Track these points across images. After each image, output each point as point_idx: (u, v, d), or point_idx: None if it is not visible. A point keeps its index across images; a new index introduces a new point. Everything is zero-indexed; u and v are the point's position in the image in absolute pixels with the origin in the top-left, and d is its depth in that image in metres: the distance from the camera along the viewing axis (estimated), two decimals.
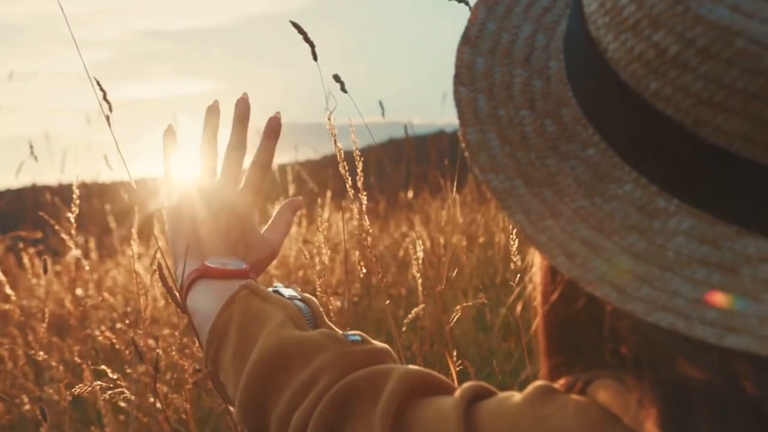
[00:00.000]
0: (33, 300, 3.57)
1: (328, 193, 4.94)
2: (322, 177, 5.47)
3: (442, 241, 3.15)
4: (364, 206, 1.36)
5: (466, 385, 0.68)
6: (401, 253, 3.78)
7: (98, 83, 1.45)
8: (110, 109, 1.50)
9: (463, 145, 0.63)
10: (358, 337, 0.84)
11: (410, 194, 5.04)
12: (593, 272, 0.56)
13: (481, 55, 0.68)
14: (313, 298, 0.94)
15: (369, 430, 0.71)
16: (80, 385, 1.29)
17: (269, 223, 1.07)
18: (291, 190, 3.93)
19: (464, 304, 1.37)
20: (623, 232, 0.58)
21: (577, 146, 0.61)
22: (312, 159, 6.22)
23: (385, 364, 0.79)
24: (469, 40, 0.68)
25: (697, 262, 0.56)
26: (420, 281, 1.54)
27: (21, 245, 3.84)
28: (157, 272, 1.03)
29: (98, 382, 1.25)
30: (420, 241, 1.59)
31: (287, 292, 0.95)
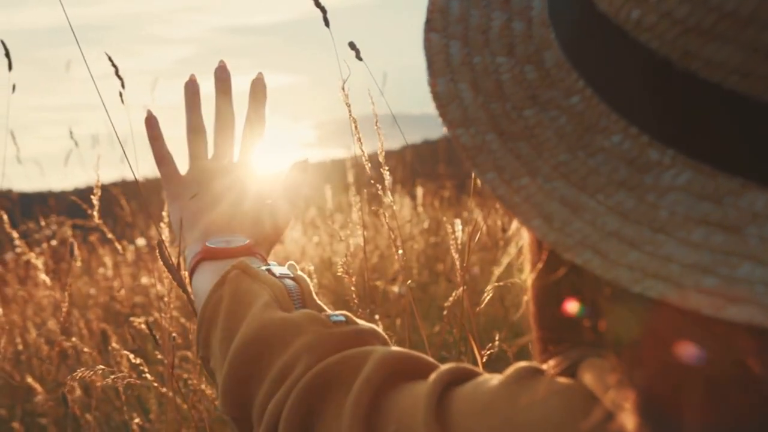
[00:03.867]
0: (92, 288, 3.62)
1: (390, 179, 4.90)
2: (389, 166, 5.44)
3: (499, 223, 3.07)
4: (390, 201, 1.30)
5: (444, 367, 0.61)
6: (465, 238, 3.70)
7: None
8: None
9: (432, 97, 0.55)
10: (342, 318, 0.78)
11: (479, 182, 4.94)
12: (573, 236, 0.49)
13: None
14: (305, 277, 0.88)
15: (340, 419, 0.65)
16: (114, 376, 1.27)
17: (276, 190, 1.02)
18: (350, 177, 3.89)
19: (496, 284, 1.30)
20: (609, 189, 0.50)
21: (559, 94, 0.54)
22: (390, 150, 6.20)
23: (368, 345, 0.73)
24: None
25: (694, 221, 0.48)
26: (458, 263, 1.47)
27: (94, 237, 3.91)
28: (158, 252, 0.98)
29: (120, 374, 1.22)
30: (459, 221, 1.52)
31: (279, 270, 0.89)
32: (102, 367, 1.18)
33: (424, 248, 4.42)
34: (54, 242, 3.52)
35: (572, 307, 0.55)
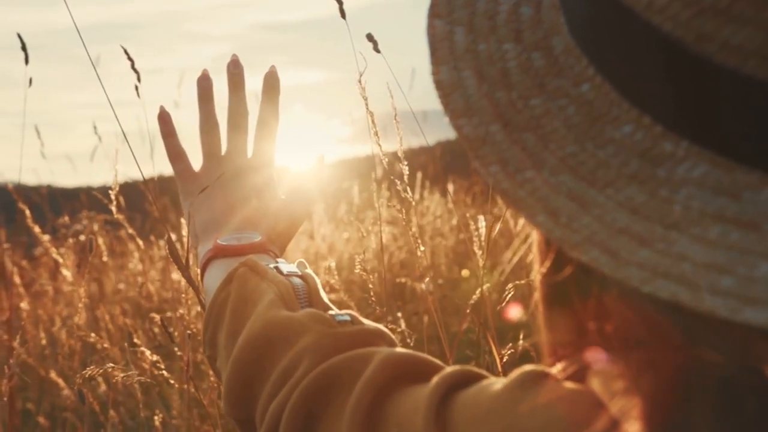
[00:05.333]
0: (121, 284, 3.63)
1: (419, 176, 4.88)
2: (419, 162, 5.43)
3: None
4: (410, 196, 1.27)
5: (447, 370, 0.58)
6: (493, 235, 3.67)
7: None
8: None
9: (434, 86, 0.53)
10: (348, 318, 0.75)
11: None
12: (580, 232, 0.45)
13: None
14: (313, 275, 0.86)
15: (340, 422, 0.62)
16: (126, 373, 1.26)
17: (291, 187, 1.00)
18: (378, 173, 3.87)
19: (517, 282, 1.26)
20: (620, 183, 0.47)
21: (567, 82, 0.51)
22: (425, 146, 6.18)
23: (373, 346, 0.70)
24: None
25: (710, 217, 0.44)
26: (482, 260, 1.44)
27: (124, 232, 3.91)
28: (167, 249, 0.97)
29: (133, 371, 1.21)
30: (483, 218, 1.49)
31: (287, 267, 0.87)
32: (112, 365, 1.17)
33: (455, 245, 4.39)
34: (82, 237, 3.53)
35: (579, 308, 0.52)
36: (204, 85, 0.99)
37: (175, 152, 0.99)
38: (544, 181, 0.48)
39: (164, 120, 0.99)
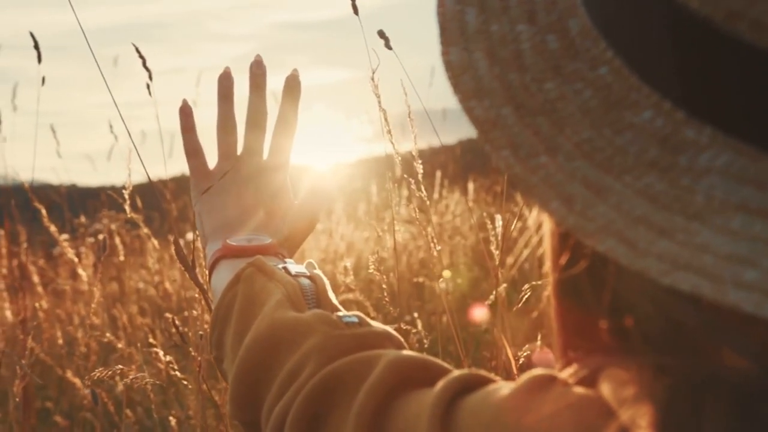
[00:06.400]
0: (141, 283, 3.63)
1: (438, 174, 4.85)
2: (439, 161, 5.41)
3: None
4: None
5: (453, 374, 0.56)
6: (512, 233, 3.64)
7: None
8: None
9: (444, 67, 0.50)
10: (355, 319, 0.73)
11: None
12: (595, 221, 0.43)
13: None
14: (322, 275, 0.84)
15: (344, 426, 0.60)
16: (135, 375, 1.25)
17: (304, 191, 0.99)
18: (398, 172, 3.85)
19: (533, 283, 1.24)
20: (638, 170, 0.44)
21: (584, 65, 0.48)
22: (447, 144, 6.17)
23: (380, 349, 0.68)
24: None
25: (734, 207, 0.42)
26: (498, 260, 1.41)
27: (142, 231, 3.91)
28: (174, 249, 0.95)
29: (143, 375, 1.19)
30: (500, 216, 1.46)
31: (295, 268, 0.86)
32: (121, 366, 1.15)
33: (474, 244, 4.36)
34: (102, 236, 3.53)
35: (592, 303, 0.50)
36: (225, 83, 0.98)
37: (193, 148, 0.99)
38: (558, 167, 0.45)
39: (186, 113, 0.98)
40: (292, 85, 0.98)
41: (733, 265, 0.40)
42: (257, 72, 0.97)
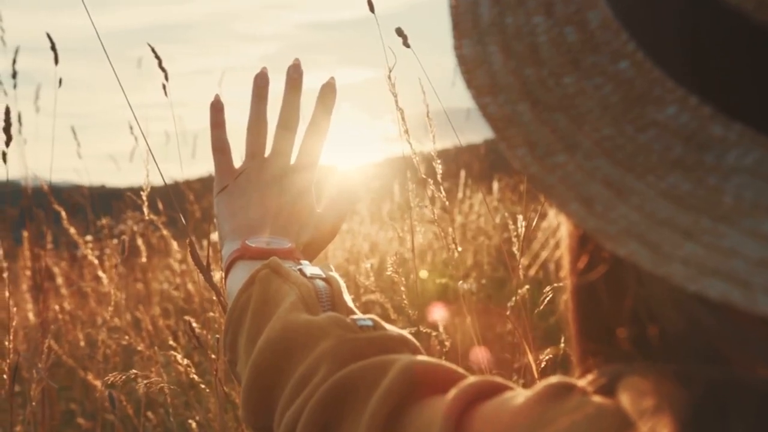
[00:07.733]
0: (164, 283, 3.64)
1: (462, 174, 4.82)
2: (463, 160, 5.39)
3: None
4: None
5: (468, 381, 0.54)
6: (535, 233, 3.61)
7: None
8: None
9: (457, 62, 0.48)
10: (370, 322, 0.71)
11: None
12: (617, 223, 0.40)
13: None
14: (338, 277, 0.82)
15: None
16: (149, 380, 1.23)
17: (326, 200, 0.97)
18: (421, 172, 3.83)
19: (555, 284, 1.21)
20: (662, 169, 0.41)
21: (604, 58, 0.45)
22: (473, 143, 6.15)
23: (394, 353, 0.66)
24: None
25: (764, 209, 0.39)
26: (521, 261, 1.39)
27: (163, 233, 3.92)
28: (189, 251, 0.94)
29: (154, 378, 1.18)
30: (521, 217, 1.44)
31: (310, 270, 0.84)
32: (135, 371, 1.14)
33: (499, 244, 4.33)
34: (123, 238, 3.54)
35: (612, 310, 0.47)
36: (260, 83, 0.97)
37: (220, 145, 0.98)
38: (577, 166, 0.43)
39: (217, 109, 0.98)
40: (327, 92, 0.97)
41: (765, 270, 0.37)
42: (294, 75, 0.97)
